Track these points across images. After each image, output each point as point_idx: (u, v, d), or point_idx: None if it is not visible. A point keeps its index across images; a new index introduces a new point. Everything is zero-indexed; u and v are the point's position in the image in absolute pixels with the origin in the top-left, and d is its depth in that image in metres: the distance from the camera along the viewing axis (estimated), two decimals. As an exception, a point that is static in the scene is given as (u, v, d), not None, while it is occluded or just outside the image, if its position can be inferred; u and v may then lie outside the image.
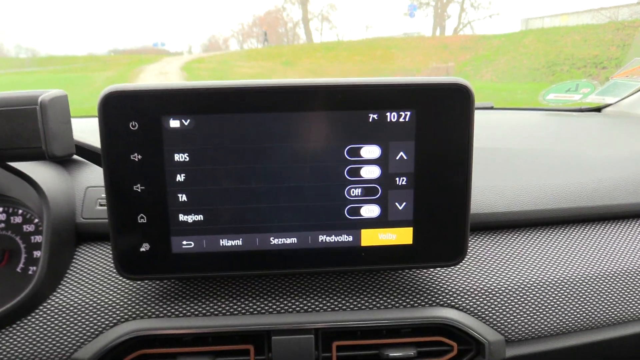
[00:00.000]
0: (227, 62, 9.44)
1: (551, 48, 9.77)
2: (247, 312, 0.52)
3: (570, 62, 8.73)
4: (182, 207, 0.48)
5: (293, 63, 9.13)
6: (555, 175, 0.65)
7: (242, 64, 9.47)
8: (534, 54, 9.91)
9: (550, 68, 8.88)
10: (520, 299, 0.55)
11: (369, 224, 0.50)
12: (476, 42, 11.23)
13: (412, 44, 10.43)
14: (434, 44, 10.90)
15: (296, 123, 0.47)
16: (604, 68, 7.86)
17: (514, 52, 10.21)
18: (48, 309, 0.52)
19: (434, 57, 9.87)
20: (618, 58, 7.51)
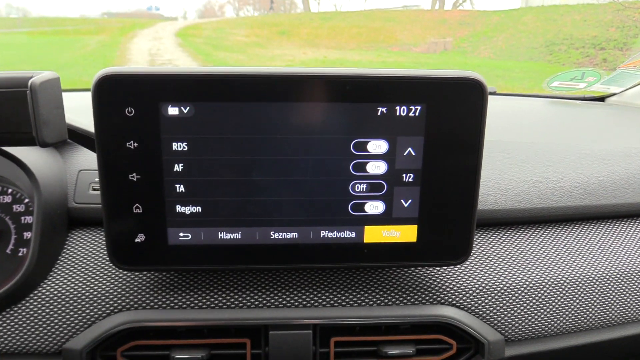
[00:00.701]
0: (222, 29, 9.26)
1: (550, 27, 9.67)
2: (244, 306, 0.51)
3: (568, 42, 8.65)
4: (179, 197, 0.46)
5: (289, 32, 8.97)
6: (560, 171, 0.64)
7: (238, 32, 9.28)
8: (532, 32, 9.80)
9: (548, 47, 8.80)
10: (522, 299, 0.54)
11: (373, 221, 0.48)
12: (475, 18, 11.09)
13: (410, 17, 10.29)
14: (433, 17, 10.76)
15: (301, 114, 0.45)
16: (602, 49, 7.81)
17: (513, 30, 10.09)
18: (40, 296, 0.51)
19: (432, 32, 9.75)
20: (617, 40, 7.45)
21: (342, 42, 9.62)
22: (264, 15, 10.16)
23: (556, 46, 8.72)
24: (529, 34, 9.86)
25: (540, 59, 8.30)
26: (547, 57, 8.33)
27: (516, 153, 0.67)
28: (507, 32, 10.26)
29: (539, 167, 0.64)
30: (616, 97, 1.08)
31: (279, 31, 8.94)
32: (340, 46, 9.55)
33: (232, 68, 0.43)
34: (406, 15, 10.78)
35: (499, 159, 0.65)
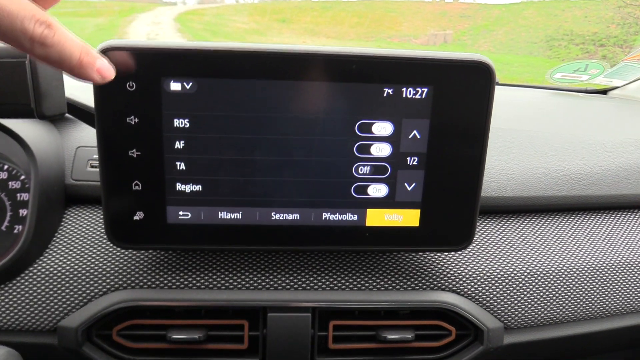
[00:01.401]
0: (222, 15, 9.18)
1: (551, 22, 9.63)
2: (242, 287, 0.51)
3: (568, 37, 8.62)
4: (179, 175, 0.45)
5: (289, 20, 8.91)
6: (563, 160, 0.64)
7: (237, 18, 9.22)
8: (533, 27, 9.77)
9: (548, 42, 8.77)
10: (522, 287, 0.54)
11: (375, 204, 0.47)
12: (476, 11, 11.04)
13: (411, 8, 10.23)
14: (434, 10, 10.71)
15: (306, 93, 0.44)
16: (602, 46, 7.79)
17: (514, 24, 10.05)
18: (35, 272, 0.50)
19: (432, 24, 9.71)
20: (617, 36, 7.43)
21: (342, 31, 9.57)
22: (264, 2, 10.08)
23: (556, 41, 8.69)
24: (529, 28, 9.82)
25: (539, 54, 8.28)
26: (546, 52, 8.30)
27: (519, 141, 0.66)
28: (508, 26, 10.22)
29: (542, 155, 0.64)
30: (618, 90, 1.07)
31: (279, 19, 8.87)
32: (340, 36, 9.48)
33: (237, 44, 0.42)
34: (407, 6, 10.71)
35: (502, 146, 0.64)
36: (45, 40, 0.28)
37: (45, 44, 0.28)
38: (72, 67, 0.30)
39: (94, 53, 0.31)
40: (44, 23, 0.28)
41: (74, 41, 0.30)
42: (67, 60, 0.29)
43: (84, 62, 0.30)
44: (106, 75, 0.32)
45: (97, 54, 0.32)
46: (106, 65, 0.32)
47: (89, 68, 0.31)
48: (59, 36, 0.28)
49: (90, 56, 0.31)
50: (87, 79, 0.32)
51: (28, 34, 0.27)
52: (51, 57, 0.29)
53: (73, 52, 0.29)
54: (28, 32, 0.27)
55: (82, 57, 0.30)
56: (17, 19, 0.27)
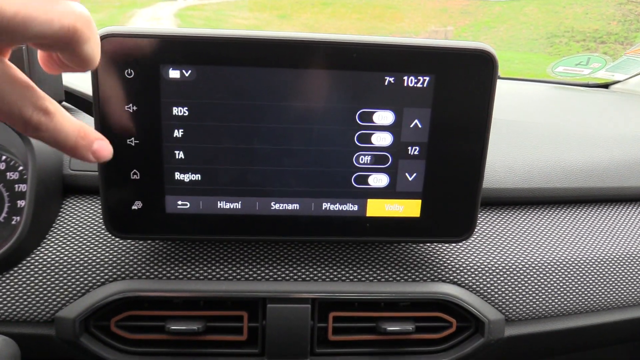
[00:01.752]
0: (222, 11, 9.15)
1: (552, 19, 9.60)
2: (241, 278, 0.50)
3: (569, 34, 8.60)
4: (178, 164, 0.45)
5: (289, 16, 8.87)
6: (566, 153, 0.63)
7: (238, 14, 9.18)
8: (534, 24, 9.74)
9: (549, 39, 8.75)
10: (524, 278, 0.54)
11: (376, 194, 0.47)
12: (477, 7, 11.00)
13: (412, 4, 10.19)
14: (434, 6, 10.66)
15: (306, 81, 0.43)
16: (603, 43, 7.77)
17: (514, 21, 10.03)
18: (32, 263, 0.49)
19: (433, 20, 9.68)
20: (618, 34, 7.41)
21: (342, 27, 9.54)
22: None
23: (557, 38, 8.67)
24: (530, 25, 9.79)
25: (540, 50, 8.26)
26: (547, 49, 8.28)
27: (520, 133, 0.66)
28: (509, 23, 10.19)
29: (544, 147, 0.63)
30: (620, 84, 1.07)
31: (279, 15, 8.84)
32: (340, 32, 9.42)
33: (237, 31, 0.42)
34: (408, 2, 10.67)
35: (504, 138, 0.64)
36: (39, 127, 0.28)
37: (39, 129, 0.28)
38: (66, 151, 0.30)
39: (91, 136, 0.31)
40: (42, 110, 0.28)
41: (70, 127, 0.30)
42: (61, 144, 0.30)
43: (78, 146, 0.31)
44: (102, 157, 0.32)
45: (96, 136, 0.32)
46: (104, 147, 0.32)
47: (83, 151, 0.31)
48: (55, 123, 0.29)
49: (86, 140, 0.31)
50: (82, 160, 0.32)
51: (24, 120, 0.28)
52: (44, 140, 0.29)
53: (68, 138, 0.30)
54: (24, 119, 0.28)
55: (77, 141, 0.30)
56: (16, 106, 0.27)
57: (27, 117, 0.28)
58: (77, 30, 0.27)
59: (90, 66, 0.29)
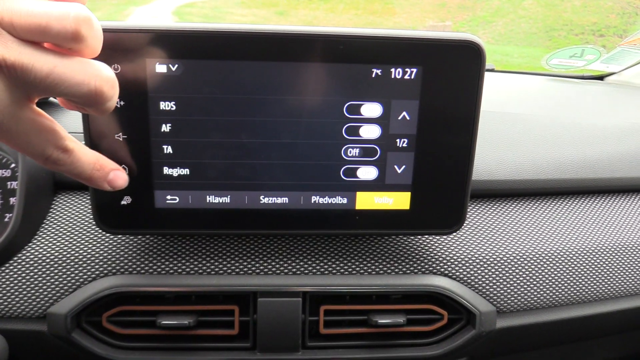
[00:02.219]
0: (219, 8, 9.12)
1: (550, 12, 9.57)
2: (232, 272, 0.50)
3: (568, 27, 8.58)
4: (166, 159, 0.45)
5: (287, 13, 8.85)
6: (557, 144, 0.63)
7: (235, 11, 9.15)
8: (532, 18, 9.71)
9: (548, 33, 8.72)
10: (515, 270, 0.54)
11: (365, 187, 0.47)
12: (475, 2, 10.97)
13: (410, 0, 10.16)
14: (432, 1, 10.64)
15: (293, 74, 0.43)
16: (602, 36, 7.75)
17: (513, 15, 9.99)
18: (23, 259, 0.50)
19: (431, 15, 9.65)
20: (616, 26, 7.39)
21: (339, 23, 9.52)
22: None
23: (555, 32, 8.64)
24: (529, 19, 9.76)
25: (539, 44, 8.23)
26: (546, 42, 8.26)
27: (512, 124, 0.65)
28: (507, 17, 10.16)
29: (536, 139, 0.63)
30: (615, 76, 1.07)
31: (277, 11, 8.83)
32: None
33: (223, 25, 0.42)
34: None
35: (495, 129, 0.64)
36: (58, 163, 0.31)
37: (58, 164, 0.31)
38: (82, 181, 0.33)
39: (107, 167, 0.34)
40: (62, 149, 0.31)
41: (86, 160, 0.33)
42: (77, 176, 0.33)
43: (94, 177, 0.34)
44: (117, 186, 0.36)
45: (112, 167, 0.35)
46: (119, 177, 0.36)
47: (99, 181, 0.34)
48: (72, 159, 0.32)
49: (102, 171, 0.34)
50: (97, 188, 0.36)
51: (44, 156, 0.30)
52: (63, 172, 0.32)
53: (84, 171, 0.33)
54: (44, 155, 0.30)
55: (92, 173, 0.33)
56: (40, 148, 0.30)
57: (48, 156, 0.30)
58: (103, 93, 0.30)
59: (106, 115, 0.33)
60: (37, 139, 0.30)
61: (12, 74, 0.27)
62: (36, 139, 0.30)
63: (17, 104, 0.28)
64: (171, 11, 8.72)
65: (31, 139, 0.29)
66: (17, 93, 0.28)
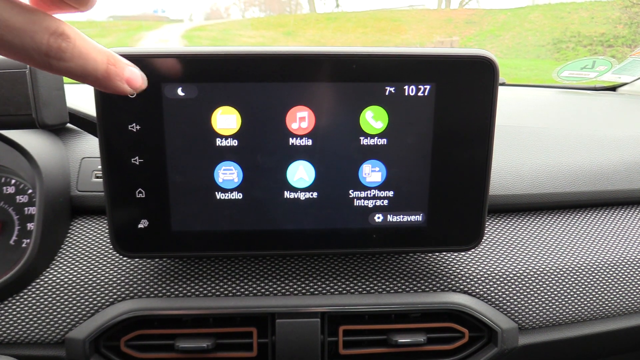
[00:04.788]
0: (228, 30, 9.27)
1: (557, 24, 9.60)
2: (250, 294, 0.50)
3: (576, 39, 8.59)
4: (183, 182, 0.45)
5: (295, 33, 8.99)
6: (573, 156, 0.62)
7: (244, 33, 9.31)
8: (539, 30, 9.74)
9: (555, 45, 8.74)
10: (535, 285, 0.53)
11: (382, 205, 0.47)
12: (482, 16, 11.05)
13: (416, 16, 10.26)
14: (439, 17, 10.72)
15: (307, 95, 0.43)
16: (610, 46, 7.75)
17: (520, 28, 10.04)
18: (42, 285, 0.50)
19: (438, 31, 9.72)
20: (625, 36, 7.38)
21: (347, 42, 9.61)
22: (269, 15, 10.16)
23: (563, 44, 8.66)
24: (536, 32, 9.80)
25: (547, 56, 8.25)
26: (554, 54, 8.27)
27: (527, 138, 0.65)
28: (514, 31, 10.20)
29: (551, 152, 0.63)
30: (628, 86, 1.06)
31: (285, 32, 8.95)
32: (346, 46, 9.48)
33: (236, 48, 0.42)
34: (412, 14, 10.74)
35: (510, 143, 0.63)
36: (63, 55, 0.24)
37: (63, 58, 0.24)
38: (98, 80, 0.26)
39: (121, 61, 0.27)
40: (59, 34, 0.24)
41: (97, 50, 0.26)
42: (92, 73, 0.25)
43: (111, 73, 0.26)
44: (136, 85, 0.28)
45: (125, 62, 0.28)
46: (136, 73, 0.28)
47: (117, 79, 0.27)
48: (79, 47, 0.25)
49: (117, 66, 0.27)
50: (117, 92, 0.28)
51: (42, 49, 0.24)
52: (73, 71, 0.25)
53: (98, 64, 0.26)
54: (42, 47, 0.24)
55: (108, 68, 0.26)
56: (26, 34, 0.23)
57: (45, 45, 0.24)
58: None
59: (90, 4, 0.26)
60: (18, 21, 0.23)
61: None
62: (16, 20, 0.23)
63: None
64: (180, 35, 8.86)
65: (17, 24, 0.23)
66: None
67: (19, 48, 0.23)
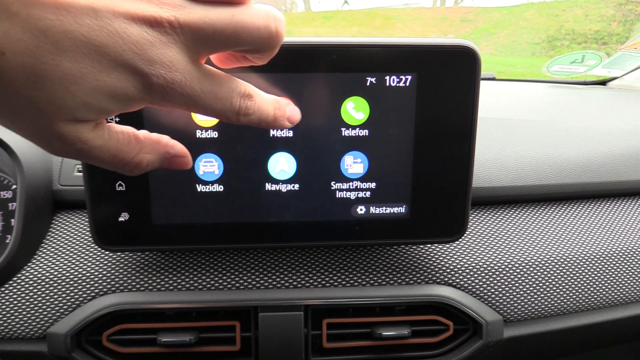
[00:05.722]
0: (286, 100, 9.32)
1: (552, 22, 9.60)
2: (232, 287, 0.50)
3: (570, 37, 8.59)
4: (163, 174, 0.45)
5: (291, 32, 8.96)
6: (559, 149, 0.62)
7: (238, 31, 9.29)
8: (534, 28, 9.73)
9: (550, 43, 8.74)
10: (520, 278, 0.53)
11: (364, 196, 0.46)
12: (476, 14, 11.04)
13: (411, 14, 10.25)
14: (434, 15, 10.71)
15: (287, 85, 0.43)
16: (605, 44, 7.75)
17: (515, 26, 10.03)
18: (23, 280, 0.49)
19: (433, 29, 9.71)
20: (619, 34, 7.39)
21: (343, 40, 9.56)
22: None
23: (558, 41, 8.65)
24: (531, 29, 9.79)
25: (542, 54, 8.24)
26: (549, 52, 8.27)
27: (513, 130, 0.65)
28: (509, 29, 10.19)
29: (538, 144, 0.62)
30: (617, 80, 1.06)
31: (280, 30, 8.95)
32: (341, 45, 9.41)
33: None
34: (407, 12, 10.73)
35: (496, 136, 0.63)
36: (248, 111, 0.29)
37: (248, 114, 0.30)
38: (269, 124, 0.32)
39: (282, 102, 0.33)
40: (246, 95, 0.29)
41: (269, 102, 0.31)
42: (265, 120, 0.31)
43: (277, 117, 0.32)
44: (295, 120, 0.34)
45: (286, 102, 0.33)
46: (295, 111, 0.34)
47: (282, 121, 0.32)
48: (259, 103, 0.30)
49: (281, 110, 0.32)
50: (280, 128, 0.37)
51: (235, 110, 0.29)
52: (253, 122, 0.30)
53: (269, 113, 0.31)
54: (235, 108, 0.29)
55: (275, 113, 0.32)
56: (227, 100, 0.28)
57: (239, 106, 0.29)
58: (280, 34, 0.28)
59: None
60: (223, 92, 0.28)
61: (187, 34, 0.25)
62: (222, 92, 0.28)
63: (194, 64, 0.27)
64: (175, 34, 8.78)
65: (218, 94, 0.28)
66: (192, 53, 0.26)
67: (219, 111, 0.29)
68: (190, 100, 0.27)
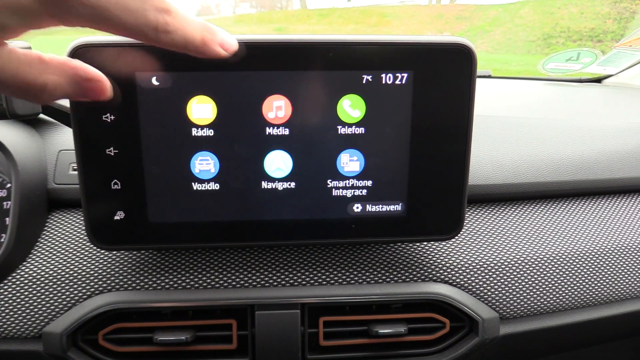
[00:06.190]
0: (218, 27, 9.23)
1: (547, 20, 9.61)
2: (229, 286, 0.50)
3: (566, 34, 8.60)
4: (159, 172, 0.44)
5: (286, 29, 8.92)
6: (555, 146, 0.62)
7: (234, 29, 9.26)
8: (530, 26, 9.74)
9: (545, 40, 8.75)
10: (516, 275, 0.53)
11: (361, 194, 0.46)
12: (472, 12, 11.04)
13: (407, 12, 10.24)
14: (430, 13, 10.71)
15: (283, 83, 0.43)
16: (600, 41, 7.77)
17: (510, 24, 10.04)
18: (18, 279, 0.49)
19: (429, 27, 9.71)
20: (614, 32, 7.41)
21: (339, 38, 9.54)
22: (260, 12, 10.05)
23: (553, 39, 8.66)
24: (526, 27, 9.79)
25: (538, 52, 8.26)
26: (544, 50, 8.29)
27: (509, 128, 0.65)
28: (505, 26, 10.20)
29: (533, 142, 0.63)
30: (613, 78, 1.06)
31: (276, 28, 8.90)
32: (337, 42, 9.38)
33: None
34: (403, 10, 10.72)
35: (492, 134, 0.63)
36: (167, 27, 0.27)
37: (168, 30, 0.28)
38: (197, 47, 0.29)
39: (213, 28, 0.30)
40: (163, 10, 0.27)
41: (194, 22, 0.29)
42: (192, 41, 0.29)
43: (207, 40, 0.30)
44: (229, 48, 0.31)
45: (216, 28, 0.31)
46: (228, 38, 0.31)
47: (212, 45, 0.30)
48: (179, 19, 0.28)
49: (211, 32, 0.30)
50: (214, 57, 0.31)
51: (152, 24, 0.27)
52: (177, 42, 0.28)
53: (195, 32, 0.29)
54: (152, 23, 0.27)
55: (204, 35, 0.29)
56: (139, 13, 0.26)
57: (154, 21, 0.27)
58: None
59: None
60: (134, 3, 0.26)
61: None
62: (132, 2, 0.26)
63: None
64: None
65: (128, 4, 0.26)
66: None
67: (133, 25, 0.26)
68: (96, 13, 0.25)
